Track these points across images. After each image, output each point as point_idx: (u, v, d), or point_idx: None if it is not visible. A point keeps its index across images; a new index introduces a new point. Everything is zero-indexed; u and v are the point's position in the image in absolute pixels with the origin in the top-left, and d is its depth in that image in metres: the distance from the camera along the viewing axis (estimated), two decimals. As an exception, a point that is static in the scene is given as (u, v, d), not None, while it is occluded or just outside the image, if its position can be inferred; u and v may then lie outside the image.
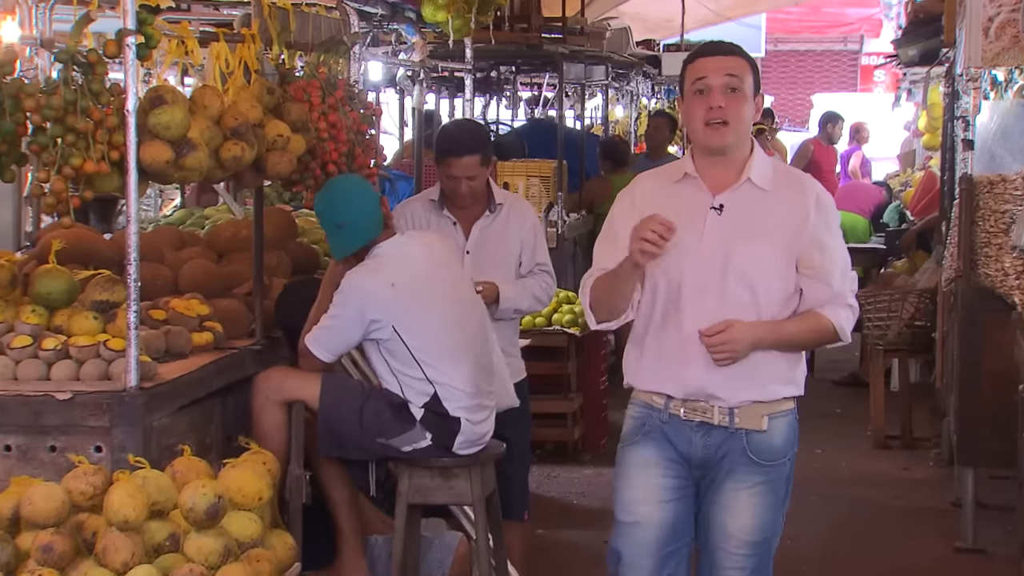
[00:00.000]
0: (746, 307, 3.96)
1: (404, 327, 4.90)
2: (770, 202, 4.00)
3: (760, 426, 4.02)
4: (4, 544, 3.82)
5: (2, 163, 4.25)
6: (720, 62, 3.98)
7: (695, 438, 4.04)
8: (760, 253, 3.95)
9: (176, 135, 4.36)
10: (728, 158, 4.01)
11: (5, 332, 4.41)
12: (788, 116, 26.34)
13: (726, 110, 3.94)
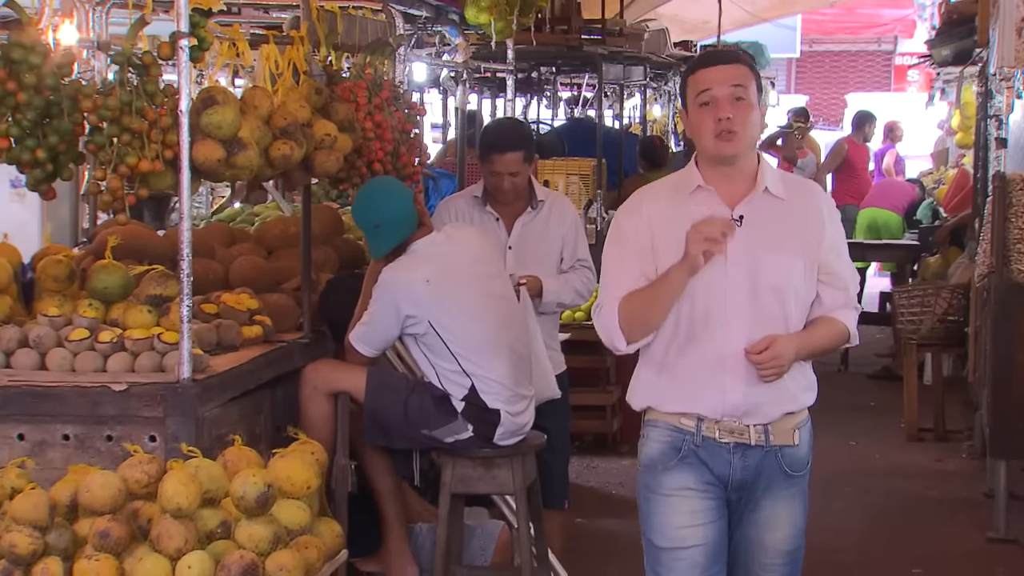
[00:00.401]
0: (776, 319, 3.85)
1: (439, 321, 4.99)
2: (787, 211, 3.90)
3: (793, 441, 3.93)
4: (63, 530, 3.91)
5: (60, 162, 4.32)
6: (723, 72, 3.87)
7: (734, 460, 3.90)
8: (787, 263, 3.86)
9: (227, 134, 4.45)
10: (737, 168, 3.90)
11: (63, 325, 4.50)
12: (823, 115, 26.24)
13: (735, 120, 3.82)
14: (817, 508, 7.37)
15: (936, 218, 13.19)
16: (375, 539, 5.27)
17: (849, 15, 26.35)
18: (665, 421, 3.97)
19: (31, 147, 4.21)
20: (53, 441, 4.29)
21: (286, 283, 5.75)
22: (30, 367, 4.41)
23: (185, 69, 4.20)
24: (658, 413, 3.98)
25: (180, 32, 4.19)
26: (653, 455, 4.00)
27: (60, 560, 3.86)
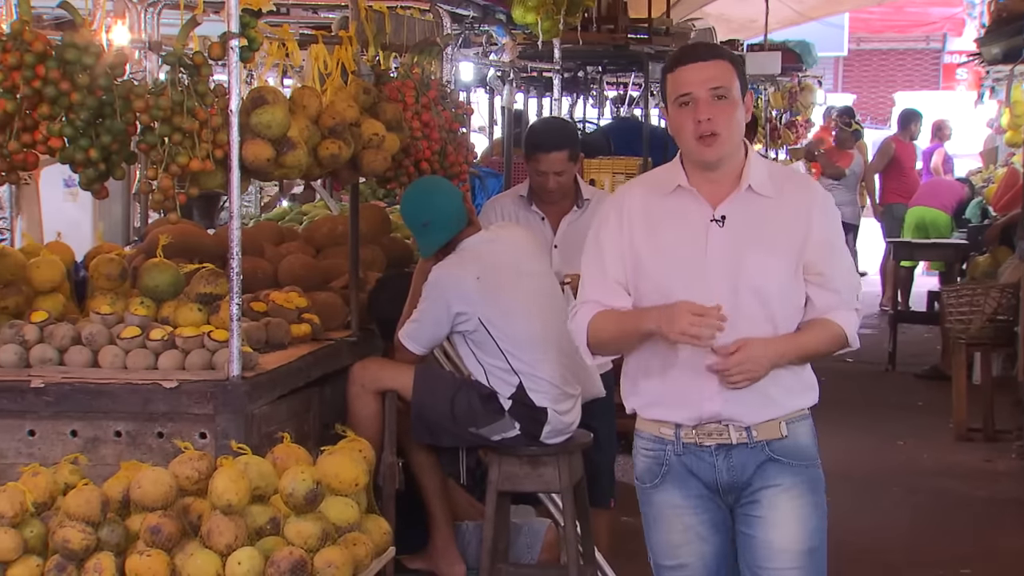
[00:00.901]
0: (761, 322, 3.65)
1: (489, 319, 5.01)
2: (772, 209, 3.70)
3: (780, 434, 3.73)
4: (115, 526, 3.94)
5: (113, 161, 4.36)
6: (702, 71, 3.65)
7: (718, 462, 3.73)
8: (770, 263, 3.66)
9: (277, 134, 4.48)
10: (722, 168, 3.71)
11: (115, 323, 4.54)
12: (870, 114, 26.10)
13: (715, 121, 3.62)
14: (865, 507, 7.42)
15: (985, 217, 13.09)
16: (422, 536, 5.30)
17: (897, 13, 26.20)
18: (648, 432, 3.81)
19: (84, 147, 4.25)
20: (105, 438, 4.34)
21: (334, 281, 5.79)
22: (83, 364, 4.45)
23: (235, 69, 4.23)
24: (642, 420, 3.85)
25: (231, 32, 4.22)
26: (641, 472, 3.86)
27: (112, 555, 3.89)
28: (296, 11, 6.33)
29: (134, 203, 6.56)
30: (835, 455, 8.62)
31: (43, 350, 4.44)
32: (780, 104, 17.37)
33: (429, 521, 5.29)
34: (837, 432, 9.16)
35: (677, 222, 3.71)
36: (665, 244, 3.71)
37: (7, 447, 4.30)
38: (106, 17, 4.71)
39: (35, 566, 3.87)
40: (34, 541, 3.90)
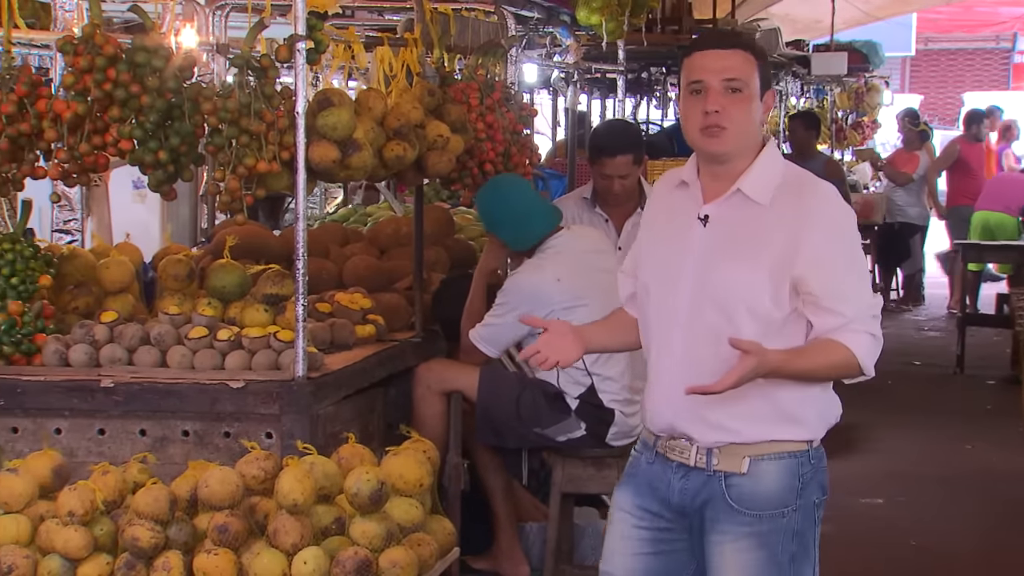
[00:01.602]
0: (722, 338, 3.29)
1: (568, 319, 4.99)
2: (762, 217, 3.37)
3: (739, 468, 3.38)
4: (183, 524, 3.98)
5: (181, 163, 4.40)
6: (719, 59, 3.38)
7: (673, 480, 3.46)
8: (738, 274, 3.35)
9: (342, 135, 4.50)
10: (729, 165, 3.42)
11: (183, 323, 4.58)
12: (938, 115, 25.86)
13: (724, 114, 3.35)
14: (933, 511, 7.35)
15: (1054, 218, 12.95)
16: (486, 537, 5.31)
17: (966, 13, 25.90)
18: (643, 436, 3.64)
19: (153, 149, 4.29)
20: (173, 437, 4.38)
21: (398, 282, 5.81)
22: (151, 364, 4.49)
23: (302, 71, 4.25)
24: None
25: (297, 35, 4.24)
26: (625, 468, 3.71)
27: (180, 554, 3.93)
28: (361, 13, 6.35)
29: (201, 204, 6.61)
30: (902, 459, 8.57)
31: (113, 350, 4.49)
32: (846, 105, 17.26)
33: (494, 522, 5.30)
34: (904, 436, 9.09)
35: (672, 217, 3.52)
36: (658, 239, 3.55)
37: (78, 446, 4.35)
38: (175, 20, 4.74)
39: (105, 564, 3.92)
40: (104, 539, 3.95)
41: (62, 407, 4.36)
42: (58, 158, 4.32)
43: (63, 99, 4.28)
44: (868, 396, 10.18)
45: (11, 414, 4.36)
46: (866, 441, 8.96)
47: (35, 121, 4.29)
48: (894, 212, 14.43)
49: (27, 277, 4.66)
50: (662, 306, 3.47)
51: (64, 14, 5.94)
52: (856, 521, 7.18)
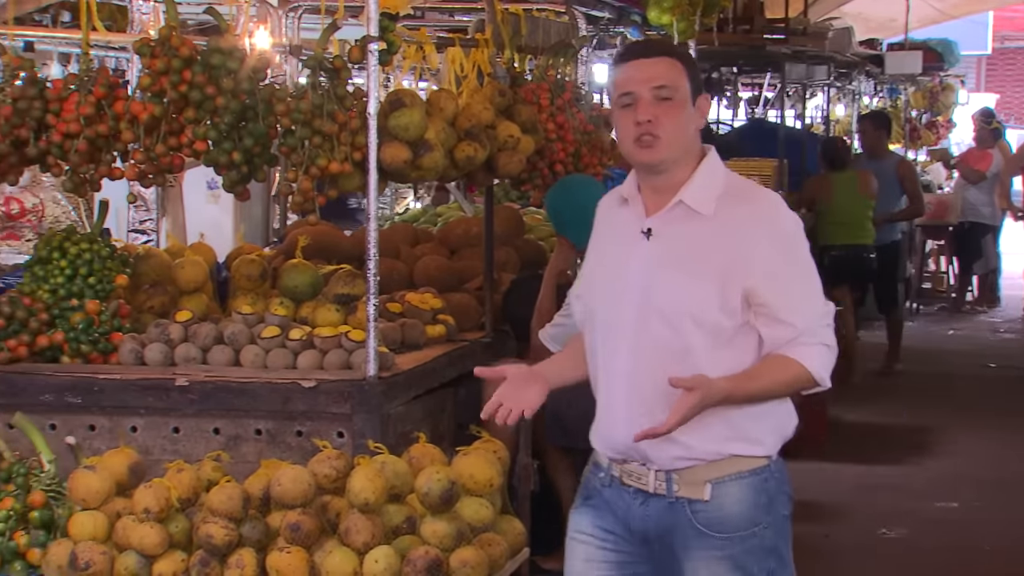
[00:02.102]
0: (668, 351, 3.27)
1: None
2: (707, 228, 3.30)
3: (701, 495, 3.31)
4: (256, 522, 4.01)
5: (255, 164, 4.44)
6: (646, 69, 3.32)
7: (634, 507, 3.39)
8: (684, 286, 3.28)
9: (414, 136, 4.52)
10: (667, 176, 3.33)
11: (256, 323, 4.62)
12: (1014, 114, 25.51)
13: (656, 123, 3.28)
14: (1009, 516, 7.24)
15: None
16: (556, 537, 5.29)
17: (1045, 10, 25.55)
18: (595, 457, 3.55)
19: (228, 149, 4.33)
20: (246, 435, 4.41)
21: (468, 283, 5.82)
22: (225, 363, 4.53)
23: (374, 72, 4.27)
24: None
25: (370, 36, 4.26)
26: (577, 493, 3.62)
27: (253, 552, 3.96)
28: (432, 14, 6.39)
29: (273, 205, 6.67)
30: (977, 462, 8.47)
31: (187, 349, 4.53)
32: (921, 104, 17.09)
33: (563, 522, 5.28)
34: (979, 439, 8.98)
35: (617, 234, 3.44)
36: (602, 258, 3.48)
37: (153, 444, 4.40)
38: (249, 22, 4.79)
39: (180, 561, 3.96)
40: (179, 536, 3.98)
41: (138, 405, 4.41)
42: (135, 159, 4.38)
43: (140, 101, 4.33)
44: (942, 398, 10.14)
45: (88, 412, 4.42)
46: (940, 444, 8.87)
47: (112, 122, 4.35)
48: (966, 211, 14.27)
49: (104, 277, 4.72)
50: (608, 324, 3.39)
51: (140, 16, 6.03)
52: (930, 526, 7.11)
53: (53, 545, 4.01)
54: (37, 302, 4.59)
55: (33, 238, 6.55)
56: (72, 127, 4.31)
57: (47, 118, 4.35)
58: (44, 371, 4.46)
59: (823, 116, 14.72)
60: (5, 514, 4.09)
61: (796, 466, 8.65)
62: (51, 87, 4.38)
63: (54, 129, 4.33)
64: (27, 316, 4.52)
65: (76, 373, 4.46)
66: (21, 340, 4.49)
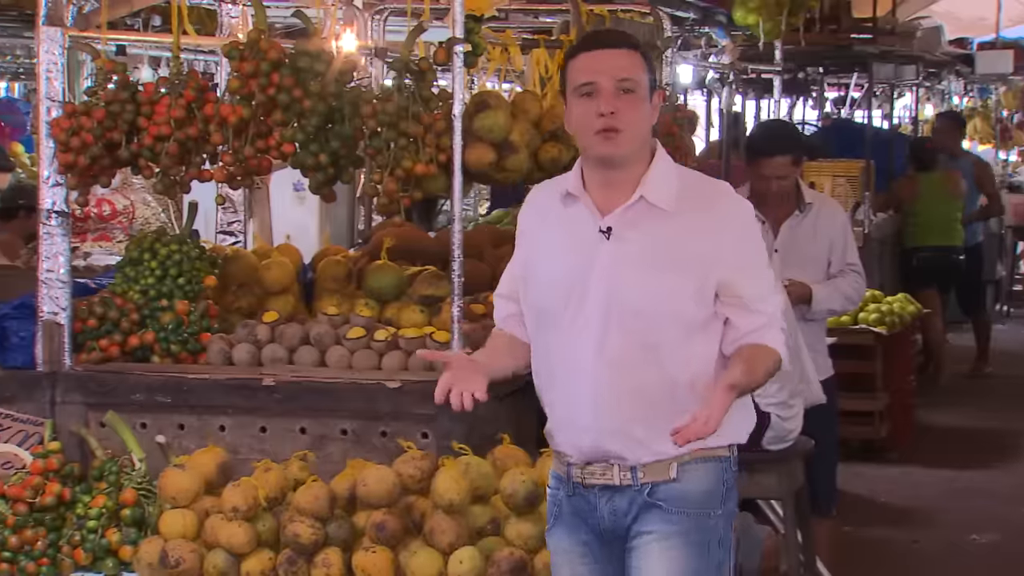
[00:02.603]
0: (641, 351, 3.24)
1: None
2: (671, 224, 3.26)
3: (668, 475, 3.29)
4: (342, 522, 4.04)
5: (341, 166, 4.47)
6: (608, 59, 3.24)
7: (600, 504, 3.35)
8: (661, 284, 3.23)
9: (498, 138, 4.53)
10: (623, 172, 3.27)
11: (342, 324, 4.64)
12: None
13: (619, 116, 3.21)
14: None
15: None
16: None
17: None
18: (554, 469, 3.48)
19: (314, 152, 4.37)
20: (332, 435, 4.43)
21: (552, 284, 5.80)
22: (311, 364, 4.56)
23: (459, 74, 4.28)
24: (550, 451, 3.51)
25: (455, 38, 4.28)
26: (547, 510, 3.54)
27: (340, 551, 3.99)
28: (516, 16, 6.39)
29: (358, 206, 6.70)
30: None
31: (274, 349, 4.57)
32: (1012, 105, 16.83)
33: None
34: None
35: (565, 233, 3.33)
36: (551, 257, 3.35)
37: (240, 443, 4.44)
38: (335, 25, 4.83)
39: (267, 559, 4.00)
40: (266, 535, 4.03)
41: (226, 405, 4.45)
42: (223, 161, 4.42)
43: (229, 104, 4.37)
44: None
45: (178, 411, 4.48)
46: (1023, 448, 8.76)
47: (202, 125, 4.40)
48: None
49: (193, 277, 4.77)
50: (568, 326, 3.29)
51: (229, 20, 6.09)
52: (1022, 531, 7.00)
53: (144, 543, 4.07)
54: (128, 302, 4.66)
55: (124, 239, 6.63)
56: (163, 130, 4.36)
57: (139, 121, 4.41)
58: (135, 371, 4.52)
59: (911, 116, 14.54)
60: (98, 511, 4.16)
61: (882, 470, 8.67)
62: (143, 90, 4.44)
63: (146, 132, 4.39)
64: (119, 316, 4.59)
65: (166, 373, 4.52)
66: (113, 340, 4.56)
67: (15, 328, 4.51)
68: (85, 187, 4.54)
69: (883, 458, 8.49)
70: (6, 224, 6.78)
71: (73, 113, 4.41)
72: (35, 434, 4.42)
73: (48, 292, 4.46)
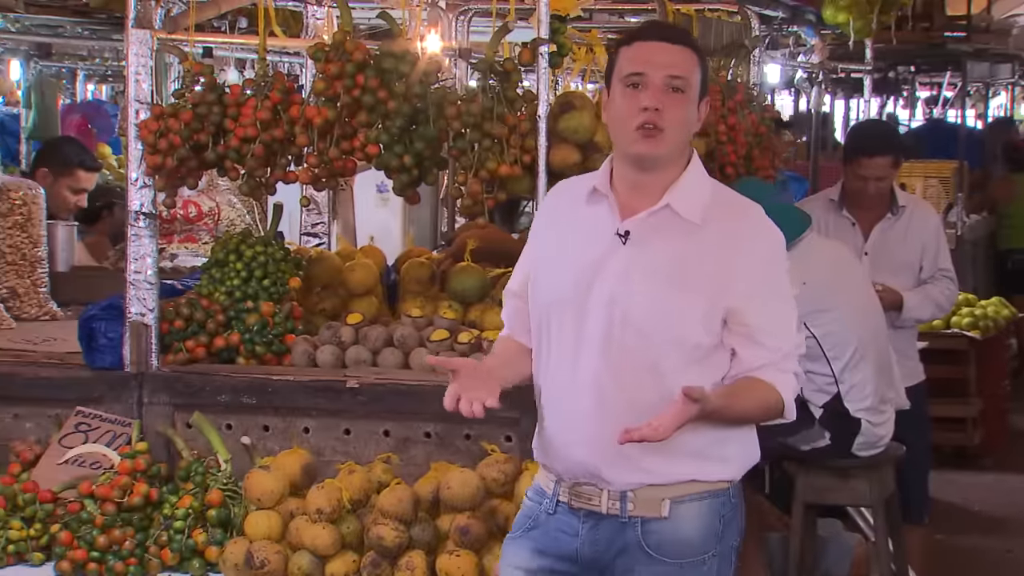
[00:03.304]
0: (642, 371, 3.04)
1: (816, 324, 4.90)
2: (693, 238, 3.08)
3: (660, 512, 3.09)
4: (426, 525, 4.03)
5: (425, 167, 4.46)
6: (664, 53, 3.06)
7: (582, 530, 3.15)
8: (670, 301, 3.05)
9: (583, 139, 4.50)
10: (656, 175, 3.10)
11: (425, 326, 4.63)
12: None
13: (664, 113, 3.03)
14: None
15: None
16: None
17: None
18: (537, 480, 3.31)
19: (399, 153, 4.36)
20: (416, 438, 4.42)
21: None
22: (395, 366, 4.55)
23: (544, 75, 4.26)
24: (536, 464, 3.32)
25: (540, 39, 4.25)
26: (516, 518, 3.37)
27: (423, 554, 3.97)
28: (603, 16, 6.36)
29: (442, 208, 6.70)
30: None
31: (358, 351, 4.57)
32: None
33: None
34: None
35: (583, 233, 3.16)
36: (561, 257, 3.18)
37: (324, 445, 4.45)
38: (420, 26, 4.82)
39: (351, 561, 3.99)
40: (350, 537, 4.02)
41: (310, 407, 4.46)
42: (308, 163, 4.43)
43: (314, 105, 4.38)
44: None
45: (262, 412, 4.49)
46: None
47: (288, 127, 4.40)
48: None
49: (278, 279, 4.79)
50: (569, 332, 3.13)
51: (314, 21, 6.11)
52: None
53: (230, 543, 4.09)
54: (214, 304, 4.68)
55: (209, 241, 6.68)
56: (249, 131, 4.37)
57: (225, 123, 4.42)
58: (221, 372, 4.54)
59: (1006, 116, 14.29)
60: (184, 512, 4.18)
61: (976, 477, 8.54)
62: (229, 92, 4.46)
63: (232, 134, 4.40)
64: (205, 318, 4.61)
65: (251, 374, 4.53)
66: (199, 341, 4.58)
67: (103, 329, 4.55)
68: (172, 189, 4.56)
69: (976, 465, 8.35)
70: (92, 226, 6.86)
71: (161, 115, 4.43)
72: (123, 434, 4.46)
73: (136, 293, 4.49)
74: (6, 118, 9.76)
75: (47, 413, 4.59)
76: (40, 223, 5.54)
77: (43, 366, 4.69)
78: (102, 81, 12.97)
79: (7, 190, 5.44)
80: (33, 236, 5.50)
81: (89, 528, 4.17)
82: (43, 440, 4.54)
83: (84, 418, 4.48)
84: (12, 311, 5.37)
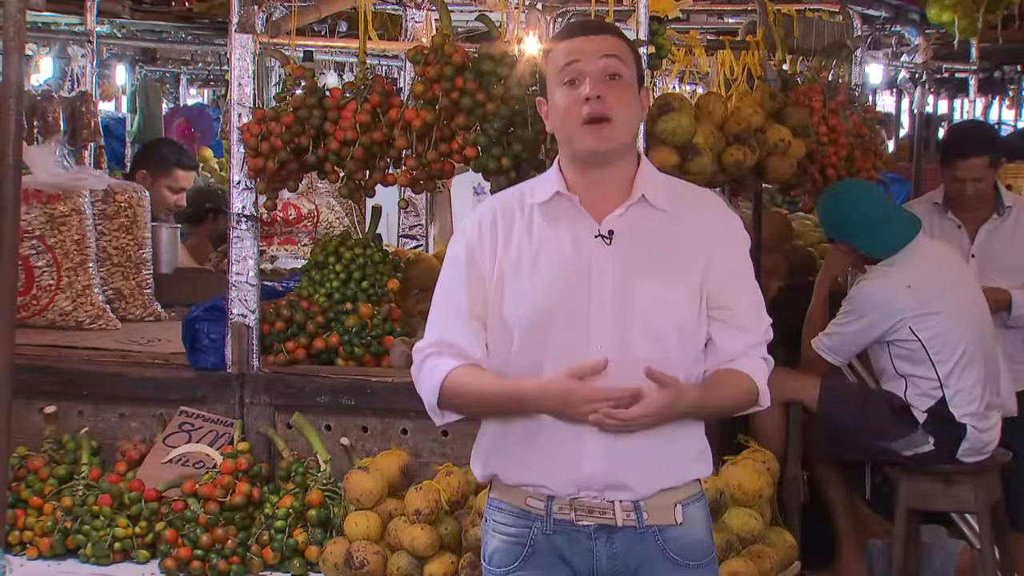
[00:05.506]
0: (654, 365, 2.87)
1: (921, 327, 4.84)
2: (671, 227, 3.00)
3: (674, 519, 3.01)
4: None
5: (523, 169, 4.43)
6: (593, 42, 2.97)
7: (597, 547, 3.00)
8: (668, 294, 2.96)
9: (682, 140, 4.48)
10: (611, 169, 2.99)
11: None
12: None
13: (606, 101, 2.92)
14: None
15: None
16: (827, 552, 5.17)
17: None
18: (509, 504, 3.06)
19: (497, 155, 4.36)
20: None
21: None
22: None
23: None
24: (502, 488, 3.07)
25: (639, 40, 4.23)
26: (492, 555, 3.09)
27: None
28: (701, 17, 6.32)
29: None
30: None
31: (456, 353, 4.58)
32: None
33: (835, 536, 5.16)
34: None
35: (555, 240, 3.01)
36: (538, 268, 3.01)
37: (423, 447, 4.47)
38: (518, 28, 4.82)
39: (450, 562, 4.01)
40: (448, 538, 4.04)
41: (407, 408, 4.46)
42: (407, 165, 4.45)
43: (413, 108, 4.40)
44: None
45: (361, 414, 4.52)
46: None
47: (387, 130, 4.42)
48: None
49: (376, 281, 4.82)
50: (571, 341, 2.96)
51: (413, 24, 6.14)
52: None
53: (330, 543, 4.12)
54: (314, 305, 4.72)
55: (309, 243, 6.75)
56: (349, 134, 4.40)
57: (325, 126, 4.45)
58: (320, 373, 4.58)
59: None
60: (285, 511, 4.22)
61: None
62: (329, 96, 4.49)
63: (332, 137, 4.44)
64: (305, 319, 4.66)
65: (350, 375, 4.57)
66: (299, 343, 4.62)
67: (206, 330, 4.61)
68: (273, 191, 4.61)
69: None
70: (195, 228, 6.95)
71: (263, 119, 4.48)
72: (225, 434, 4.52)
73: (237, 295, 4.54)
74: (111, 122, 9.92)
75: (152, 413, 4.67)
76: (145, 225, 5.63)
77: (148, 366, 4.77)
78: (204, 85, 13.15)
79: (113, 193, 5.53)
80: (138, 238, 5.59)
81: (193, 527, 4.23)
82: (148, 439, 4.62)
83: (187, 418, 4.55)
84: (118, 312, 5.46)
